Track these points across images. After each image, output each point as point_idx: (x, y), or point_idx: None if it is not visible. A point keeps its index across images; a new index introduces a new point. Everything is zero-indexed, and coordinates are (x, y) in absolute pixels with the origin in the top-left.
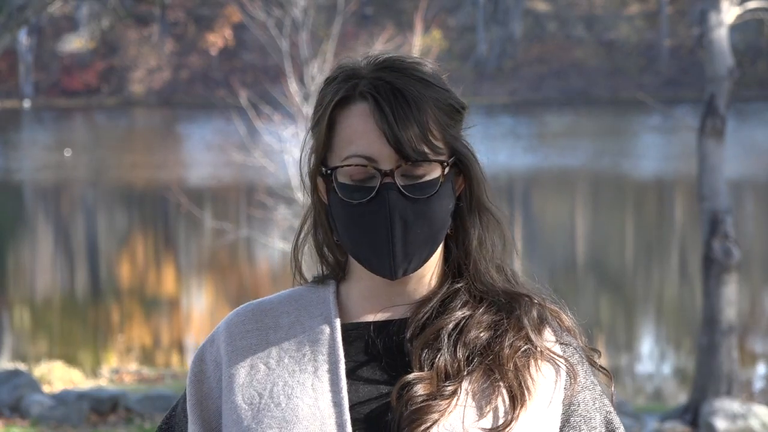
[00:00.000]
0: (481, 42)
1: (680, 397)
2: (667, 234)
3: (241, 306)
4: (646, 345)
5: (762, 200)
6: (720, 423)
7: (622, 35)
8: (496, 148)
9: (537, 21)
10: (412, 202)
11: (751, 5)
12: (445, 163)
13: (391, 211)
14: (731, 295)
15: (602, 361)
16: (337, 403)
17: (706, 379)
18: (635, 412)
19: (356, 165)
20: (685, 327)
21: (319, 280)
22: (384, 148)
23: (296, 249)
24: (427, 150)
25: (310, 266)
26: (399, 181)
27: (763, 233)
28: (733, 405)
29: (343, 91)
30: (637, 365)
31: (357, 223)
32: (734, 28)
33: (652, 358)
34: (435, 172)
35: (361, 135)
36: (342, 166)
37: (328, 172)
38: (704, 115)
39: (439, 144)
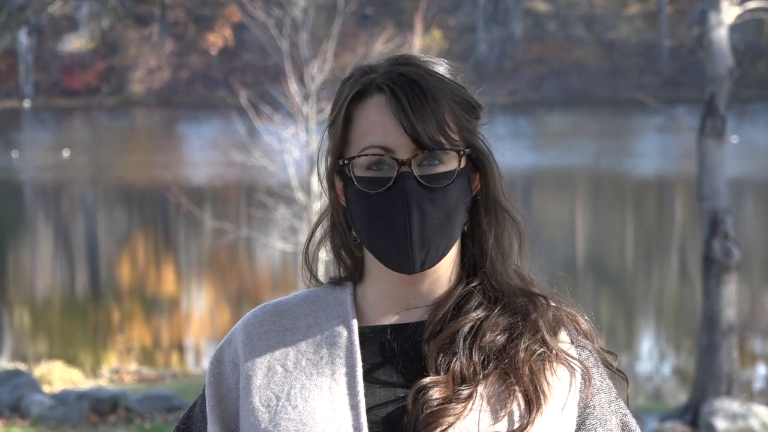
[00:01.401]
0: (481, 42)
1: (680, 397)
2: (667, 234)
3: (258, 307)
4: (646, 345)
5: (762, 200)
6: (720, 423)
7: (622, 35)
8: (496, 148)
9: (537, 21)
10: (429, 192)
11: (751, 5)
12: (462, 152)
13: (409, 200)
14: (731, 295)
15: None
16: (353, 406)
17: (706, 379)
18: (635, 412)
19: (373, 155)
20: (685, 327)
21: (336, 282)
22: (400, 138)
23: (308, 252)
24: (443, 140)
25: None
26: (416, 171)
27: (763, 233)
28: (733, 405)
29: (359, 84)
30: (637, 365)
31: (374, 214)
32: (734, 28)
33: (652, 358)
34: (451, 163)
35: (378, 126)
36: (359, 156)
37: (346, 161)
38: (704, 115)
39: (455, 137)
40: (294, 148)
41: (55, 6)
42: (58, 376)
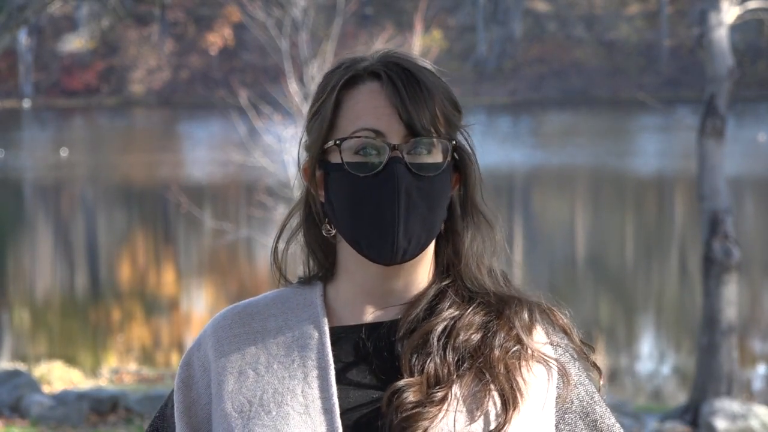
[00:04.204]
0: (481, 42)
1: (680, 397)
2: (667, 233)
3: (227, 308)
4: (646, 345)
5: (762, 200)
6: (720, 423)
7: (622, 35)
8: (496, 148)
9: (537, 21)
10: (418, 179)
11: (751, 5)
12: (453, 143)
13: (399, 185)
14: (731, 295)
15: (601, 359)
16: (327, 410)
17: (706, 379)
18: (635, 412)
19: (366, 138)
20: (685, 327)
21: (305, 281)
22: (393, 123)
23: (276, 250)
24: (434, 131)
25: (290, 266)
26: (406, 158)
27: (763, 233)
28: (733, 405)
29: (352, 70)
30: (637, 365)
31: (361, 199)
32: (734, 28)
33: (652, 358)
34: (439, 156)
35: (371, 110)
36: (351, 137)
37: (337, 142)
38: (704, 115)
39: (444, 130)
40: (294, 148)
41: (55, 6)
42: (58, 376)
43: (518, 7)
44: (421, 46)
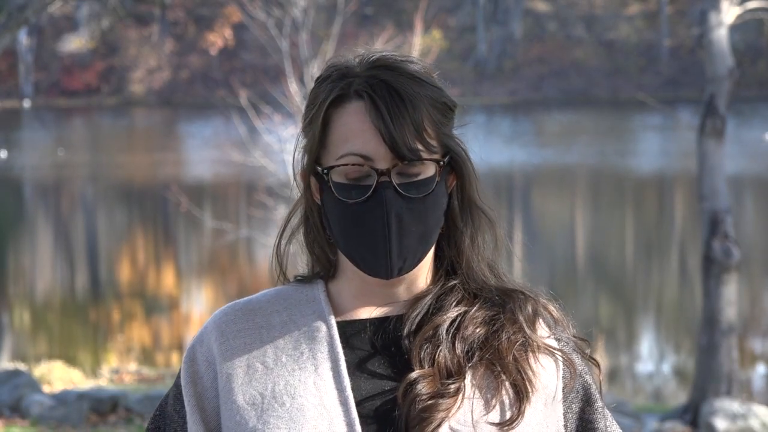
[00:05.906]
0: (481, 42)
1: (680, 397)
2: (667, 233)
3: (228, 305)
4: (646, 345)
5: (762, 200)
6: (720, 423)
7: (622, 35)
8: (496, 148)
9: (537, 21)
10: (408, 201)
11: (751, 5)
12: (441, 162)
13: (388, 210)
14: (731, 295)
15: (601, 359)
16: (343, 402)
17: (706, 379)
18: (635, 412)
19: (353, 164)
20: (685, 327)
21: (306, 279)
22: (380, 147)
23: (279, 247)
24: (421, 148)
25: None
26: (395, 180)
27: (763, 233)
28: (733, 405)
29: (338, 89)
30: (637, 365)
31: (353, 222)
32: (734, 28)
33: (652, 358)
34: (430, 171)
35: (357, 133)
36: (338, 166)
37: (324, 171)
38: (704, 115)
39: (434, 142)
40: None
41: (55, 6)
42: (58, 376)
43: (518, 7)
44: (421, 46)
